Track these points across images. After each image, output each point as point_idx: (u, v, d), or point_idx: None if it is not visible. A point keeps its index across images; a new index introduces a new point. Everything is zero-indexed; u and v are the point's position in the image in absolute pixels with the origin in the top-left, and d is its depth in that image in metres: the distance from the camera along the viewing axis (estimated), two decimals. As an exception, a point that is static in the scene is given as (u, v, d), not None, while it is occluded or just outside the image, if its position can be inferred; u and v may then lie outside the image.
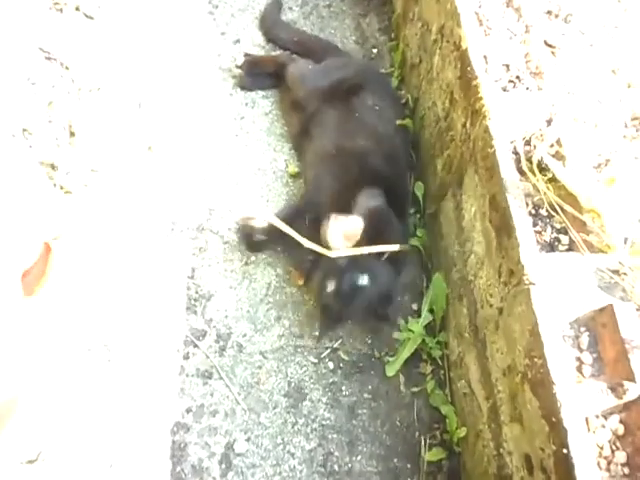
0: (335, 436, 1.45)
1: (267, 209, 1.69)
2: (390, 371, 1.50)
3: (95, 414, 1.38)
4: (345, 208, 1.48)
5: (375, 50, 2.07)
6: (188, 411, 1.44)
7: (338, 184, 1.55)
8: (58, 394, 1.36)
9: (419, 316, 1.54)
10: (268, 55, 1.99)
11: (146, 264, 1.59)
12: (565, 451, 0.92)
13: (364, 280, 1.40)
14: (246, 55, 1.93)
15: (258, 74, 1.92)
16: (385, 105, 1.70)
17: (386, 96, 1.75)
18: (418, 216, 1.70)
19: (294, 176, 1.78)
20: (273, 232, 1.55)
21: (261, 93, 1.93)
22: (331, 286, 1.40)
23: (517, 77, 1.30)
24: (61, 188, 1.61)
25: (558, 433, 0.94)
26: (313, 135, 1.69)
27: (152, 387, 1.45)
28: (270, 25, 2.05)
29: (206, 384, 1.47)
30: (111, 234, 1.61)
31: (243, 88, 1.93)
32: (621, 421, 0.98)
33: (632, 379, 0.95)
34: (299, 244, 1.49)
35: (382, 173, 1.56)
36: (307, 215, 1.57)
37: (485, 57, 1.32)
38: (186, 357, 1.50)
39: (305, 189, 1.73)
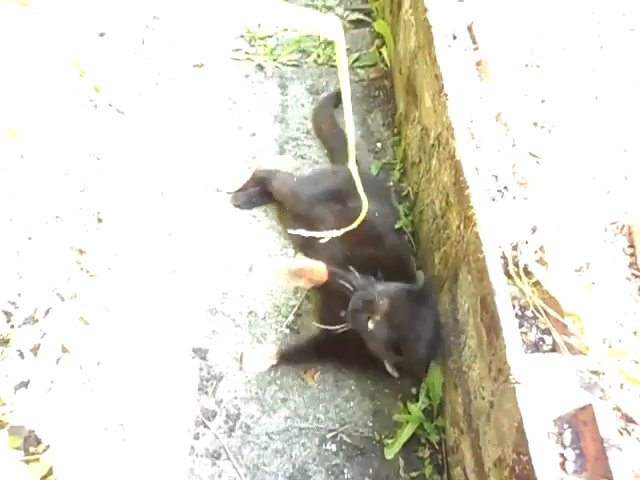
0: (337, 520, 1.50)
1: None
2: (389, 454, 1.56)
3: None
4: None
5: (379, 144, 2.25)
6: (197, 491, 1.51)
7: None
8: (76, 467, 1.44)
9: (418, 400, 1.63)
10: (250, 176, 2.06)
11: (161, 344, 1.70)
12: None
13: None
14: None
15: (251, 194, 2.05)
16: (381, 210, 1.83)
17: (380, 200, 1.87)
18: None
19: (302, 262, 1.91)
20: None
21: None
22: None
23: (505, 187, 1.44)
24: (87, 272, 1.75)
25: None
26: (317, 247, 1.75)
27: (163, 467, 1.52)
28: (319, 115, 2.26)
29: (214, 465, 1.54)
30: (130, 314, 1.73)
31: (238, 207, 2.03)
32: (601, 519, 1.05)
33: (610, 478, 1.04)
34: None
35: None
36: None
37: (477, 169, 1.47)
38: (196, 437, 1.58)
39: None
